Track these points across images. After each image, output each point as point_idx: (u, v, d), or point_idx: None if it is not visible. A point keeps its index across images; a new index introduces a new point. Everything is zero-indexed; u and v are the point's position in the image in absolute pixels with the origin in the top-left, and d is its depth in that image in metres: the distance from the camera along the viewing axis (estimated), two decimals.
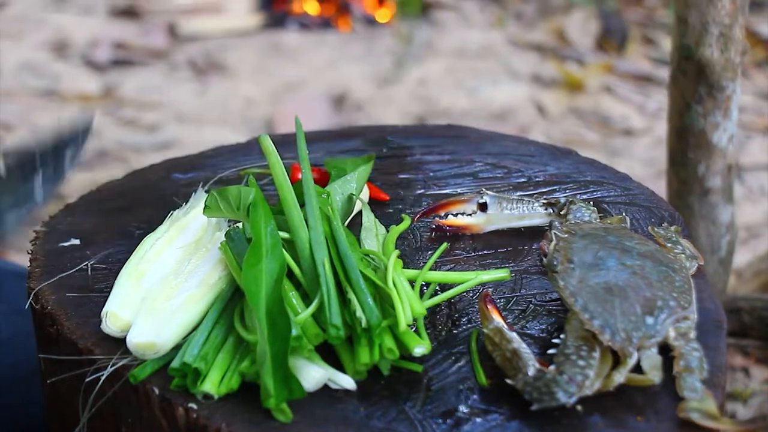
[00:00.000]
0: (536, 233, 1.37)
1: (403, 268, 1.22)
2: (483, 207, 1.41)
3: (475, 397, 1.12)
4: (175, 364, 1.13)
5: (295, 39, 4.53)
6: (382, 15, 4.73)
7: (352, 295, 1.15)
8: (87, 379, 1.18)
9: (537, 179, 1.55)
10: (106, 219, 1.45)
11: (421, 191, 1.52)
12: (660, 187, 1.73)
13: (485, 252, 1.37)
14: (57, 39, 4.39)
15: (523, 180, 1.55)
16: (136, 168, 1.65)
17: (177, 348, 1.16)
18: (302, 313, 1.14)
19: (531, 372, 1.09)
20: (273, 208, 1.25)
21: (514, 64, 4.32)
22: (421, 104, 3.98)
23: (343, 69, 4.25)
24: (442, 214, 1.42)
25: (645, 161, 3.57)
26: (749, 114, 3.81)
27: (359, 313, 1.13)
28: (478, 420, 1.09)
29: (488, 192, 1.41)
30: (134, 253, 1.28)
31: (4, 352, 1.64)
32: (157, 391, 1.13)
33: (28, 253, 1.36)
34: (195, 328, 1.18)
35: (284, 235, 1.22)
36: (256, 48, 4.43)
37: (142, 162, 2.92)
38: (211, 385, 1.12)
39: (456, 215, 1.41)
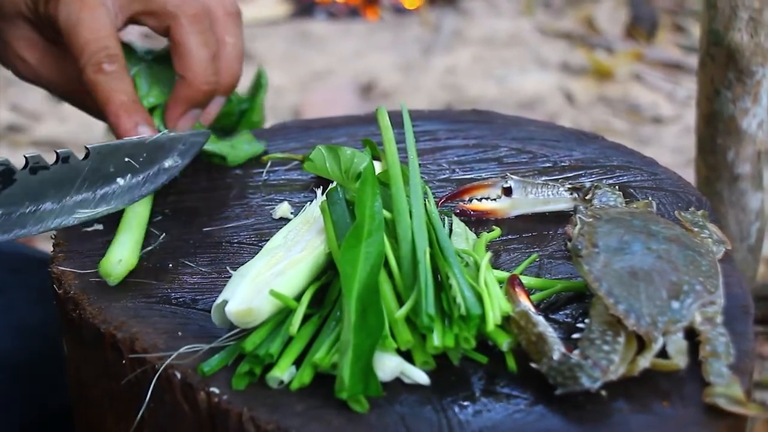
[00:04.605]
0: (561, 218, 1.35)
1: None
2: (507, 191, 1.40)
3: (498, 381, 1.11)
4: (247, 347, 1.11)
5: (323, 28, 4.52)
6: (410, 3, 4.72)
7: (453, 281, 1.12)
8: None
9: (563, 164, 1.54)
10: None
11: (446, 176, 1.51)
12: (689, 176, 1.71)
13: (510, 237, 1.36)
14: None
15: (548, 165, 1.54)
16: None
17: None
18: (398, 311, 1.11)
19: (556, 356, 1.08)
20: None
21: (542, 53, 4.31)
22: (449, 93, 3.97)
23: (370, 57, 4.24)
24: (466, 199, 1.41)
25: (674, 149, 3.55)
26: None
27: (459, 299, 1.11)
28: (502, 405, 1.08)
29: (513, 176, 1.40)
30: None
31: (31, 339, 1.64)
32: (179, 375, 1.12)
33: (52, 238, 1.36)
34: (297, 295, 1.15)
35: (386, 214, 1.20)
36: (284, 37, 4.43)
37: None
38: (281, 372, 1.10)
39: (480, 200, 1.40)
